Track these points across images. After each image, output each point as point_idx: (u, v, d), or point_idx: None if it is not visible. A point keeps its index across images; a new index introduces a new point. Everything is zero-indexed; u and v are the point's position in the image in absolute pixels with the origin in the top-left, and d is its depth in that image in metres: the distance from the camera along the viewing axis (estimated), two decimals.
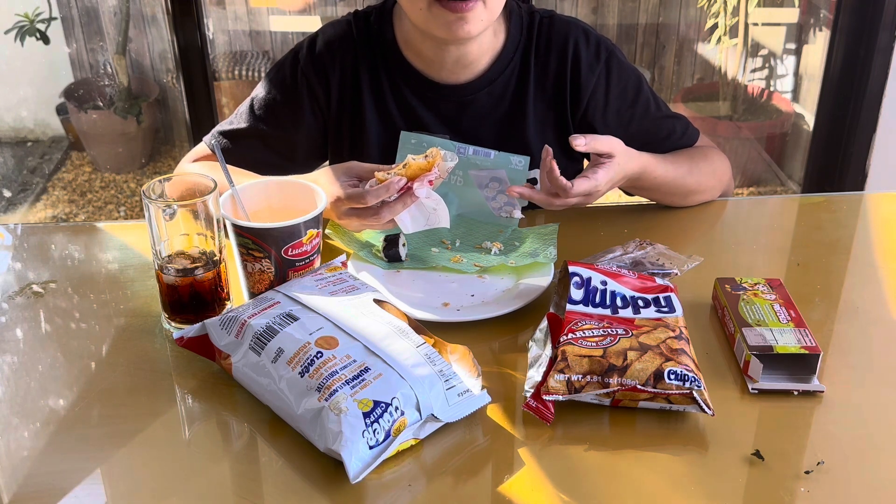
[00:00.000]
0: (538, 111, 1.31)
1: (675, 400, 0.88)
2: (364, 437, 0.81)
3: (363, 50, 1.30)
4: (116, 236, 1.31)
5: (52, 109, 3.54)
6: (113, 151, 3.50)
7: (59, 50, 3.44)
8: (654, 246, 1.18)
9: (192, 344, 0.96)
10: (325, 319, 0.92)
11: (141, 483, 0.84)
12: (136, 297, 1.12)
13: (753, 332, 0.97)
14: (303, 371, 0.86)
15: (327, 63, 1.29)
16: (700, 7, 3.32)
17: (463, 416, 0.88)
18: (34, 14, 3.20)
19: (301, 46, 1.31)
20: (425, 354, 0.89)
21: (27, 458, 0.87)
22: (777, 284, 1.07)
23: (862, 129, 2.45)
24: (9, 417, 0.92)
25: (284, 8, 3.44)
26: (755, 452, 0.85)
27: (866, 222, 1.36)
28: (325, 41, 1.30)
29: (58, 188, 3.40)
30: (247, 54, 3.46)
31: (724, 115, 3.39)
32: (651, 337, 0.92)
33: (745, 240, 1.26)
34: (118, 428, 0.90)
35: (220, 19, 3.43)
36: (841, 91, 2.47)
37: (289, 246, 1.02)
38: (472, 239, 1.23)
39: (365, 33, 1.30)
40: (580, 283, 1.01)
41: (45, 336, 1.06)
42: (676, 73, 3.52)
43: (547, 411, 0.88)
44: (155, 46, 3.48)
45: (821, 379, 0.95)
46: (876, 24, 2.32)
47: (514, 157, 1.28)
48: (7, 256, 1.25)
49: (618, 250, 1.17)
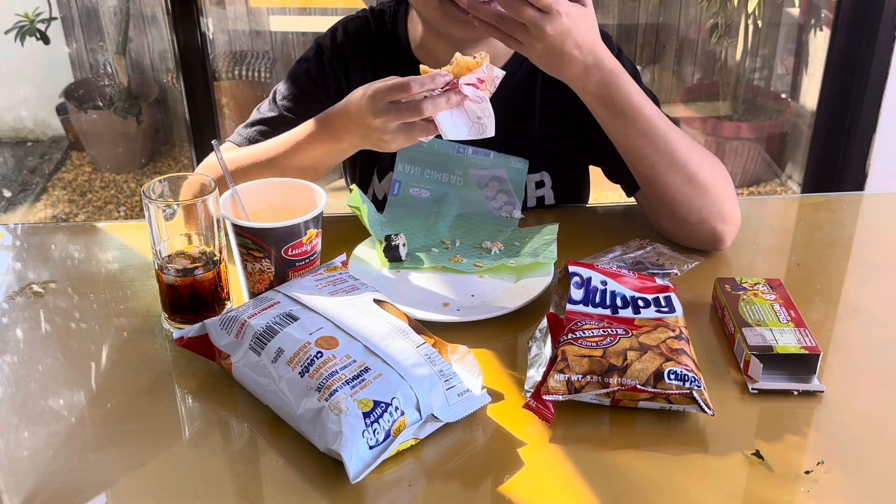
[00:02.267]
0: (544, 120, 1.30)
1: (675, 400, 0.88)
2: (364, 437, 0.81)
3: (379, 46, 1.30)
4: (116, 236, 1.31)
5: (52, 109, 3.54)
6: (113, 151, 3.50)
7: (59, 50, 3.44)
8: (654, 246, 1.18)
9: (192, 344, 0.96)
10: (325, 319, 0.92)
11: (141, 483, 0.84)
12: (136, 297, 1.12)
13: (753, 332, 0.97)
14: (303, 371, 0.86)
15: (348, 55, 1.30)
16: (700, 7, 3.32)
17: (463, 416, 0.88)
18: (34, 14, 3.21)
19: (324, 38, 1.32)
20: (425, 354, 0.89)
21: (27, 458, 0.87)
22: (777, 284, 1.07)
23: (862, 129, 2.45)
24: (9, 417, 0.92)
25: (284, 8, 3.44)
26: (755, 452, 0.85)
27: (866, 222, 1.36)
28: (345, 34, 1.31)
29: (58, 188, 3.40)
30: (247, 54, 3.46)
31: (724, 115, 3.39)
32: (651, 337, 0.92)
33: (745, 240, 1.26)
34: (118, 428, 0.90)
35: (220, 19, 3.43)
36: (841, 91, 2.47)
37: (289, 246, 1.02)
38: (472, 239, 1.23)
39: (380, 30, 1.31)
40: (580, 283, 1.01)
41: (45, 336, 1.06)
42: (676, 73, 3.52)
43: (547, 411, 0.88)
44: (155, 46, 3.48)
45: (821, 379, 0.95)
46: (876, 24, 2.32)
47: (513, 156, 1.28)
48: (7, 256, 1.25)
49: (618, 250, 1.17)
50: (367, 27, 1.31)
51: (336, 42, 1.31)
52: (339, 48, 1.30)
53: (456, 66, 0.99)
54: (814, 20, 3.24)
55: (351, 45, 1.30)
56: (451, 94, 0.99)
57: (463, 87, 0.99)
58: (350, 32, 1.31)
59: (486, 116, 1.01)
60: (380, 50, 1.30)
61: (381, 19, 1.32)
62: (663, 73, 3.51)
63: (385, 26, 1.31)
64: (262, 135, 1.26)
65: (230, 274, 1.05)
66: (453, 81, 0.99)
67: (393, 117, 1.02)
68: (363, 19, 1.32)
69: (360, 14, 1.33)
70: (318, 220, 1.04)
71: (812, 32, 3.27)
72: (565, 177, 1.35)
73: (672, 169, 1.14)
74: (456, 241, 1.22)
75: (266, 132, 1.25)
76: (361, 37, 1.31)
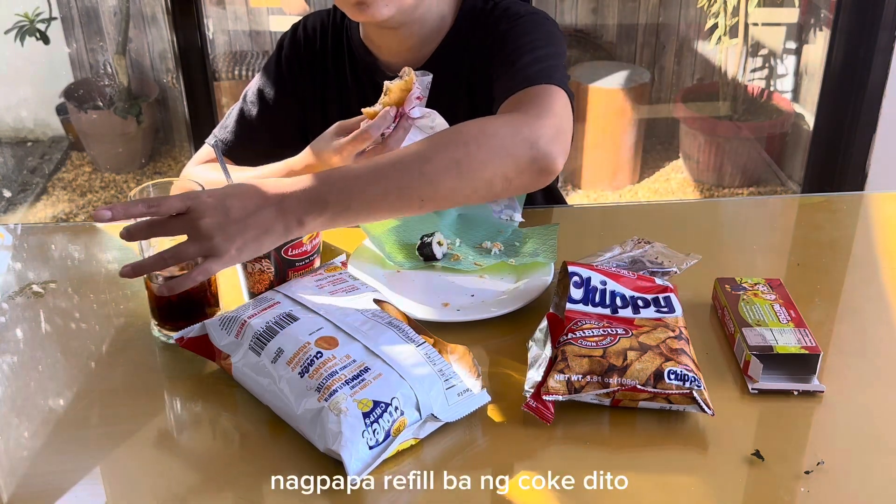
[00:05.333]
0: (470, 103, 1.28)
1: (675, 400, 0.88)
2: (364, 437, 0.81)
3: (334, 39, 1.33)
4: (116, 236, 1.30)
5: (52, 109, 3.54)
6: (113, 151, 3.50)
7: (59, 50, 3.43)
8: (653, 244, 1.18)
9: (192, 344, 0.96)
10: (324, 319, 0.92)
11: (140, 483, 0.84)
12: (136, 297, 1.12)
13: (753, 332, 0.97)
14: (303, 371, 0.86)
15: (304, 51, 1.34)
16: (700, 7, 3.32)
17: (463, 416, 0.88)
18: (34, 14, 3.20)
19: (285, 35, 1.36)
20: (425, 354, 0.89)
21: (27, 458, 0.87)
22: (777, 284, 1.07)
23: (862, 129, 2.45)
24: (9, 417, 0.92)
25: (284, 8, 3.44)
26: (755, 452, 0.85)
27: (866, 222, 1.36)
28: (304, 30, 1.35)
29: (58, 188, 3.40)
30: (247, 54, 3.46)
31: (724, 115, 3.38)
32: (651, 337, 0.92)
33: (745, 240, 1.26)
34: (118, 428, 0.90)
35: (220, 19, 3.43)
36: (841, 91, 2.47)
37: (289, 246, 1.02)
38: (472, 239, 1.23)
39: (340, 23, 1.34)
40: (580, 282, 1.01)
41: (45, 336, 1.06)
42: (676, 73, 3.52)
43: (547, 411, 0.88)
44: (155, 46, 3.48)
45: (821, 379, 0.95)
46: (876, 24, 2.32)
47: None
48: (7, 256, 1.25)
49: (616, 249, 1.17)
50: (325, 21, 1.34)
51: (295, 38, 1.35)
52: (296, 44, 1.34)
53: (391, 95, 1.05)
54: (813, 20, 3.24)
55: (307, 40, 1.34)
56: (403, 122, 1.06)
57: (410, 113, 1.05)
58: (307, 27, 1.35)
59: (437, 120, 1.07)
60: (334, 42, 1.33)
61: (337, 12, 1.34)
62: (663, 73, 3.51)
63: (342, 18, 1.34)
64: (234, 135, 1.33)
65: (220, 281, 1.05)
66: (400, 111, 1.05)
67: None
68: (325, 13, 1.35)
69: (326, 9, 1.37)
70: None
71: (812, 32, 3.27)
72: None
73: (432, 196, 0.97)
74: (456, 241, 1.22)
75: (238, 134, 1.33)
76: (318, 31, 1.34)
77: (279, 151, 1.32)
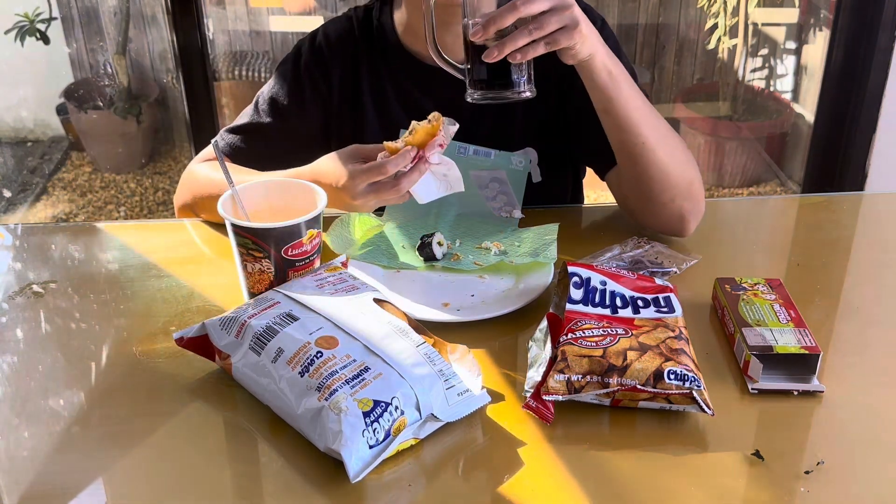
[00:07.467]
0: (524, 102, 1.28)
1: (675, 400, 0.88)
2: (364, 436, 0.81)
3: (363, 45, 1.31)
4: (116, 236, 1.31)
5: (52, 109, 3.54)
6: (113, 151, 3.50)
7: (59, 50, 3.44)
8: (653, 244, 1.19)
9: (192, 344, 0.96)
10: (324, 319, 0.92)
11: (141, 483, 0.84)
12: (136, 297, 1.12)
13: (753, 332, 0.97)
14: (303, 371, 0.86)
15: (328, 58, 1.31)
16: (700, 7, 3.32)
17: (463, 416, 0.88)
18: (34, 14, 3.20)
19: (303, 42, 1.34)
20: (425, 354, 0.89)
21: (27, 458, 0.87)
22: (777, 284, 1.07)
23: (862, 129, 2.45)
24: (9, 417, 0.92)
25: (284, 8, 3.45)
26: (755, 452, 0.85)
27: (866, 222, 1.36)
28: (325, 37, 1.32)
29: (58, 188, 3.40)
30: (247, 54, 3.46)
31: (724, 115, 3.39)
32: (651, 337, 0.92)
33: (745, 240, 1.26)
34: (118, 428, 0.90)
35: (220, 19, 3.43)
36: (841, 91, 2.47)
37: (289, 246, 1.02)
38: (472, 239, 1.23)
39: (365, 27, 1.32)
40: (579, 283, 1.01)
41: (45, 336, 1.06)
42: (676, 73, 3.52)
43: (547, 411, 0.88)
44: (155, 46, 3.48)
45: (821, 379, 0.95)
46: (876, 24, 2.32)
47: (514, 157, 1.28)
48: (7, 256, 1.25)
49: (616, 249, 1.17)
50: (349, 27, 1.33)
51: (315, 45, 1.32)
52: (317, 51, 1.32)
53: (416, 136, 1.04)
54: (813, 20, 3.24)
55: (330, 48, 1.32)
56: (420, 165, 1.05)
57: (430, 157, 1.04)
58: (330, 34, 1.33)
59: (452, 172, 1.07)
60: (364, 48, 1.32)
61: (366, 14, 1.33)
62: (663, 73, 3.51)
63: (370, 21, 1.32)
64: (244, 142, 1.32)
65: (230, 276, 1.05)
66: (420, 154, 1.04)
67: (372, 197, 1.07)
68: (345, 20, 1.34)
69: (344, 14, 1.35)
70: (317, 220, 1.04)
71: (811, 32, 3.27)
72: (550, 153, 1.34)
73: (658, 145, 1.15)
74: (456, 241, 1.22)
75: (248, 140, 1.32)
76: (343, 38, 1.32)
77: (289, 159, 1.31)
